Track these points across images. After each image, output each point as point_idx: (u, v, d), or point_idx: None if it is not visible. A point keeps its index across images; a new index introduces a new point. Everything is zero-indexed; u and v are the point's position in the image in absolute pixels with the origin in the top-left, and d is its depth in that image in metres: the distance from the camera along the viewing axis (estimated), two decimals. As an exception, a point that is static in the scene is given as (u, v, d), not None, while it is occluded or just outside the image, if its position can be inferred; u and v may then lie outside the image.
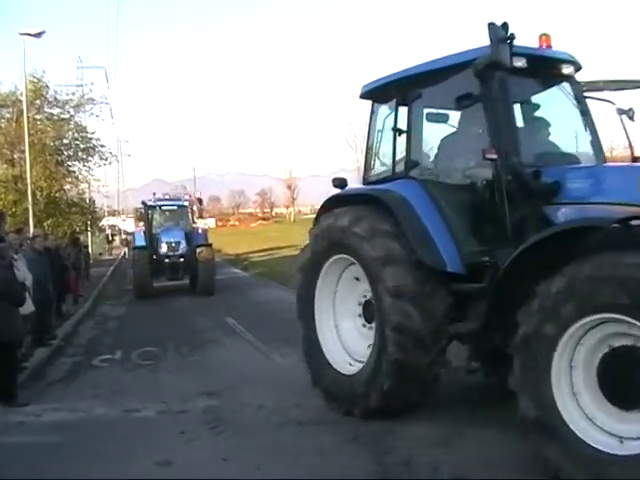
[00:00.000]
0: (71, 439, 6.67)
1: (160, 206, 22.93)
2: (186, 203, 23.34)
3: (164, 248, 20.92)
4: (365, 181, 7.49)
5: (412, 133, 6.73)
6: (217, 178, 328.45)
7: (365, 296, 6.83)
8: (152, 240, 21.49)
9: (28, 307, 9.37)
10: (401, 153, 6.91)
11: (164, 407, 7.70)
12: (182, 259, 20.88)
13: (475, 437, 5.81)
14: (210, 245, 21.51)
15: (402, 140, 6.88)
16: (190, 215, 23.03)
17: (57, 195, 26.77)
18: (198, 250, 20.57)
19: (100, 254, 49.93)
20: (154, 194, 23.75)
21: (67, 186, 28.25)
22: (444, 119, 6.80)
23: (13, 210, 23.06)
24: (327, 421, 6.67)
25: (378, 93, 7.26)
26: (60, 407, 7.98)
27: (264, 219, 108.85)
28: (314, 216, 7.50)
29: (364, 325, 6.92)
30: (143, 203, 23.10)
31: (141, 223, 22.92)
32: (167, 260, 20.84)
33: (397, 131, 6.84)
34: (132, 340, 12.74)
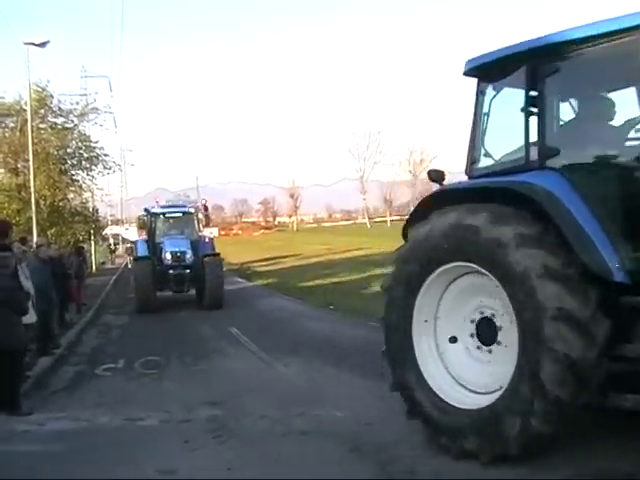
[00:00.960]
0: (74, 448, 6.67)
1: (164, 213, 21.45)
2: (192, 210, 21.84)
3: (168, 258, 19.54)
4: (470, 176, 6.37)
5: (546, 115, 5.73)
6: (220, 187, 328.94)
7: (482, 312, 5.76)
8: (155, 250, 20.30)
9: (31, 316, 9.39)
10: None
11: (167, 416, 7.71)
12: (188, 270, 19.47)
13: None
14: (218, 255, 20.40)
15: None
16: (196, 223, 21.66)
17: (60, 204, 26.82)
18: (206, 260, 19.41)
19: (103, 263, 50.03)
20: (157, 201, 22.92)
21: (70, 195, 28.31)
22: None
23: (17, 219, 23.10)
24: (330, 431, 6.67)
25: (488, 69, 6.16)
26: (63, 416, 7.99)
27: (267, 228, 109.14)
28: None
29: (480, 349, 5.78)
30: (146, 210, 22.11)
31: (144, 232, 21.89)
32: (172, 271, 19.43)
33: (528, 113, 5.79)
34: (135, 349, 12.78)
